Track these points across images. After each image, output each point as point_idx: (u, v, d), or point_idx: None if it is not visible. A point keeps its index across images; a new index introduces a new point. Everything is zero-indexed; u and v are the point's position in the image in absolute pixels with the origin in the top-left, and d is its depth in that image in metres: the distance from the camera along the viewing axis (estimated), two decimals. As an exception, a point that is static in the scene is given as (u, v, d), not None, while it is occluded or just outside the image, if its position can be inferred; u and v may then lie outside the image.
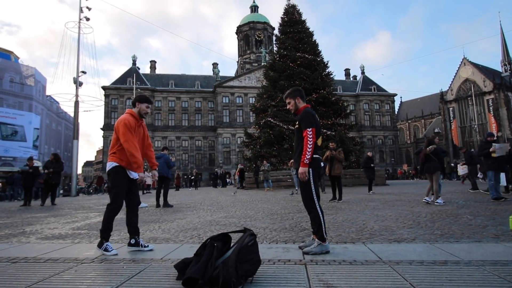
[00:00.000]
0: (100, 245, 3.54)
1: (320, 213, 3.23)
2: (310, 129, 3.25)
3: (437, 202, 7.61)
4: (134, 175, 3.74)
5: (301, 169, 3.25)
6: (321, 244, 3.18)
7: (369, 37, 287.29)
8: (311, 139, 3.23)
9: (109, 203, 3.63)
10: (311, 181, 3.28)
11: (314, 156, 3.30)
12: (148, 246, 3.63)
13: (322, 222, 3.22)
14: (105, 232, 3.54)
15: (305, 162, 3.23)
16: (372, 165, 12.76)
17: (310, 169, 3.28)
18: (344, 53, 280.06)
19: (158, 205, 9.68)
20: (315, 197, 3.26)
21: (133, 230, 3.69)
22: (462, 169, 18.32)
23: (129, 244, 3.65)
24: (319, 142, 3.44)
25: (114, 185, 3.65)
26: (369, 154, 13.32)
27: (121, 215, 7.69)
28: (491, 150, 8.16)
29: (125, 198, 3.72)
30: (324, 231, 3.21)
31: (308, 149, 3.22)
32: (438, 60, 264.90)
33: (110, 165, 3.69)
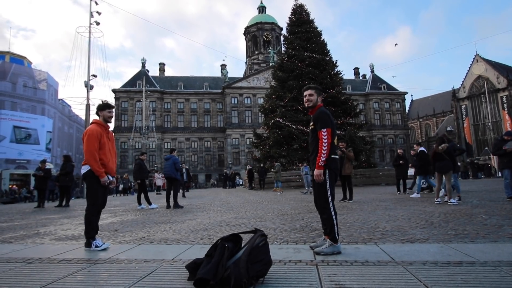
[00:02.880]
0: (88, 245, 3.76)
1: (333, 214, 3.20)
2: (325, 129, 3.20)
3: (450, 202, 7.47)
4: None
5: (316, 171, 3.21)
6: (332, 245, 3.15)
7: (389, 33, 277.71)
8: (326, 140, 3.18)
9: (88, 205, 3.94)
10: (327, 182, 3.23)
11: (331, 156, 3.25)
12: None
13: (335, 223, 3.19)
14: (89, 233, 3.80)
15: (320, 164, 3.18)
16: (401, 162, 11.80)
17: (327, 170, 3.23)
18: (363, 50, 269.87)
19: (168, 206, 9.74)
20: (330, 198, 3.22)
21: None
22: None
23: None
24: (336, 141, 3.40)
25: (90, 188, 3.97)
26: (399, 151, 12.47)
27: (132, 216, 7.80)
28: (508, 150, 8.00)
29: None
30: (336, 232, 3.18)
31: (323, 150, 3.17)
32: (454, 57, 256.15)
33: (86, 168, 3.97)
